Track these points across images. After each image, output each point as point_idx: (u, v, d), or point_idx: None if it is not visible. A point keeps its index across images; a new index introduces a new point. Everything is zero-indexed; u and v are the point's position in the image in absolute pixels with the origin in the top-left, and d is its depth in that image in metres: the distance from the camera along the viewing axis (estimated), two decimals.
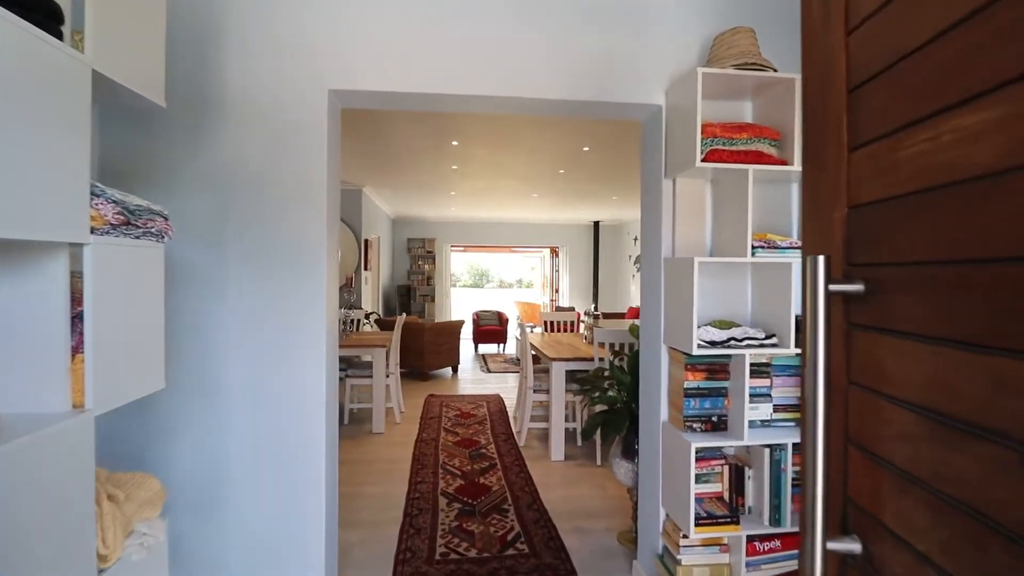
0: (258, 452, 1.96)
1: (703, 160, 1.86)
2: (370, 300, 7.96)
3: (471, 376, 7.08)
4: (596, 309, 10.74)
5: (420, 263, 11.01)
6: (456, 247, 11.90)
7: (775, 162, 1.94)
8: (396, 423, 4.79)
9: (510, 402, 5.57)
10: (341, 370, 4.91)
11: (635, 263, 10.51)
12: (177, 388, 1.89)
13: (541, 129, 4.55)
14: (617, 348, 3.82)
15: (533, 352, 4.39)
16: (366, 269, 7.33)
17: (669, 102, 2.09)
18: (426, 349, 6.58)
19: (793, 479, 1.98)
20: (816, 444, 0.64)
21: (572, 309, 10.07)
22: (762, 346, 1.93)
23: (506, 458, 3.90)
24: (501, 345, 9.46)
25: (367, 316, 6.79)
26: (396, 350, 4.96)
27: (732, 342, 1.92)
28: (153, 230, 1.35)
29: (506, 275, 47.88)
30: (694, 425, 1.99)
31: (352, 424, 4.75)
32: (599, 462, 3.80)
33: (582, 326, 6.46)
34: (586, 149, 4.99)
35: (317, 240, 1.98)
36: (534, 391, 4.16)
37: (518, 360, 8.37)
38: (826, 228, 0.77)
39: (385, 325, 6.62)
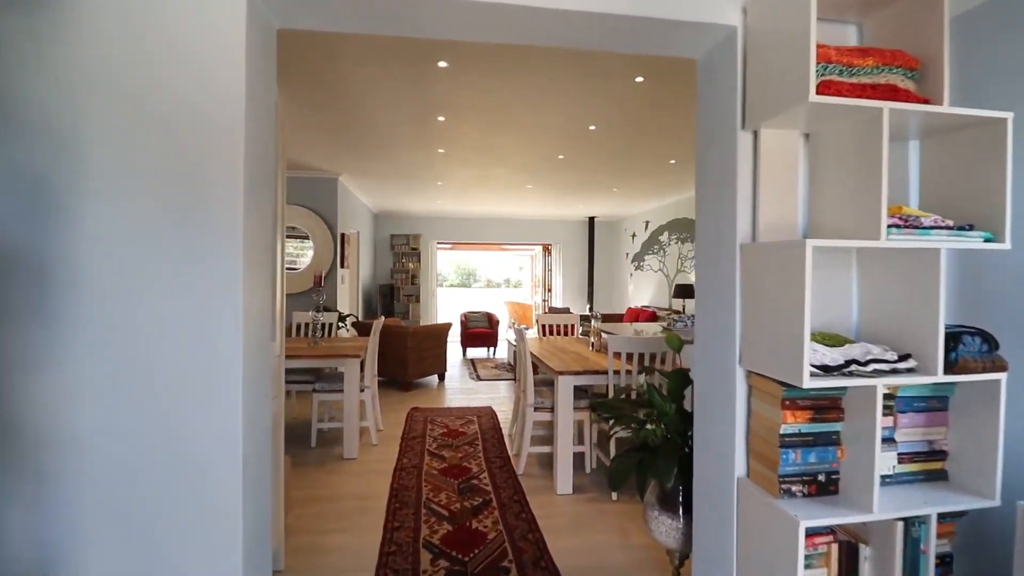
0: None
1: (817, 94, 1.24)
2: (348, 301, 7.24)
3: (459, 385, 6.42)
4: (592, 310, 10.15)
5: (404, 261, 10.31)
6: (443, 244, 11.22)
7: (915, 99, 1.32)
8: (373, 445, 4.11)
9: (504, 416, 4.92)
10: (308, 383, 4.22)
11: (632, 261, 9.93)
12: None
13: (541, 109, 3.91)
14: (647, 362, 3.20)
15: (532, 361, 3.74)
16: (343, 267, 6.62)
17: (750, 21, 1.46)
18: (409, 356, 5.90)
19: (939, 560, 1.36)
20: None
21: (567, 310, 9.45)
22: (895, 372, 1.31)
23: (503, 491, 3.25)
24: (491, 349, 8.80)
25: (342, 319, 6.08)
26: (373, 360, 4.29)
27: (854, 367, 1.30)
28: None
29: (494, 275, 47.27)
30: (793, 488, 1.36)
31: (321, 446, 4.07)
32: (614, 496, 3.18)
33: (579, 328, 5.85)
34: (592, 128, 4.36)
35: (227, 211, 1.30)
36: (535, 408, 3.52)
37: (510, 365, 7.73)
38: None
39: (364, 329, 5.93)
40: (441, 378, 6.58)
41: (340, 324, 6.13)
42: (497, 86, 3.50)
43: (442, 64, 3.15)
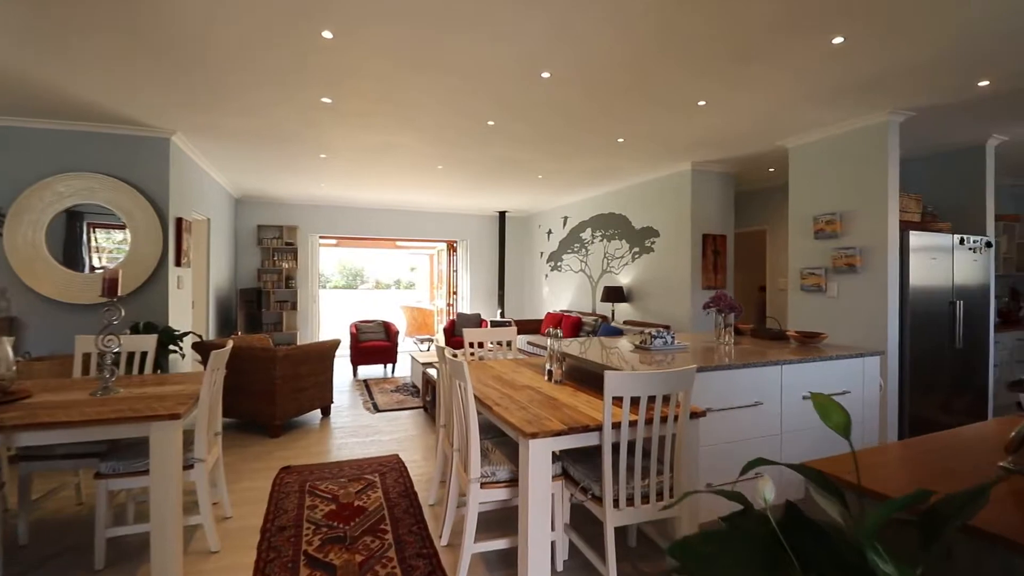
0: None
1: None
2: (189, 313, 5.31)
3: (351, 421, 4.88)
4: (503, 315, 9.04)
5: (276, 259, 8.34)
6: (327, 239, 9.37)
7: None
8: (212, 552, 2.54)
9: (417, 468, 3.56)
10: (95, 456, 2.52)
11: (548, 261, 9.00)
12: None
13: (483, 38, 2.65)
14: (659, 407, 2.08)
15: (481, 408, 2.45)
16: (179, 265, 4.73)
17: None
18: (279, 390, 4.26)
19: None
20: None
21: (478, 316, 8.23)
22: None
23: None
24: (390, 366, 7.28)
25: (175, 341, 4.24)
26: (214, 408, 2.69)
27: None
28: None
29: (384, 275, 44.37)
30: None
31: (117, 565, 2.40)
32: None
33: (514, 344, 4.66)
34: (546, 76, 3.19)
35: None
36: (482, 483, 2.25)
37: (415, 387, 6.27)
38: None
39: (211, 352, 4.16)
40: (325, 412, 4.98)
41: (176, 347, 4.29)
42: None
43: None
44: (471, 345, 3.80)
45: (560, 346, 2.92)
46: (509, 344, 3.89)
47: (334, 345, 4.88)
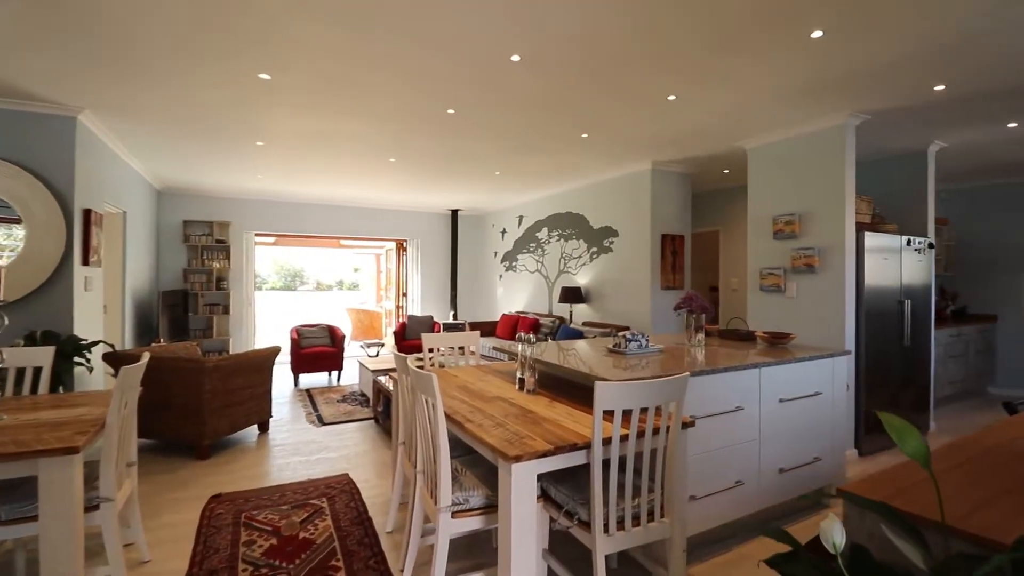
0: None
1: None
2: (101, 319, 4.65)
3: (293, 437, 4.42)
4: (456, 317, 8.74)
5: (206, 258, 7.61)
6: (264, 237, 8.69)
7: None
8: None
9: (370, 489, 3.21)
10: None
11: (503, 261, 8.78)
12: None
13: (450, 8, 2.38)
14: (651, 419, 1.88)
15: (451, 426, 2.16)
16: (87, 264, 4.10)
17: None
18: (207, 406, 3.77)
19: None
20: None
21: (430, 318, 7.87)
22: None
23: None
24: (335, 373, 6.79)
25: (82, 352, 3.66)
26: (127, 434, 2.25)
27: None
28: None
29: (325, 275, 42.56)
30: None
31: None
32: None
33: (477, 349, 4.38)
34: (515, 59, 2.95)
35: None
36: (454, 512, 1.98)
37: (363, 396, 5.80)
38: None
39: (129, 363, 3.60)
40: (263, 428, 4.49)
41: (80, 361, 3.70)
42: None
43: None
44: (431, 351, 3.49)
45: (533, 352, 2.68)
46: (472, 350, 3.62)
47: (273, 353, 4.41)
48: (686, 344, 3.43)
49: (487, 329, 7.89)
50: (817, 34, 2.66)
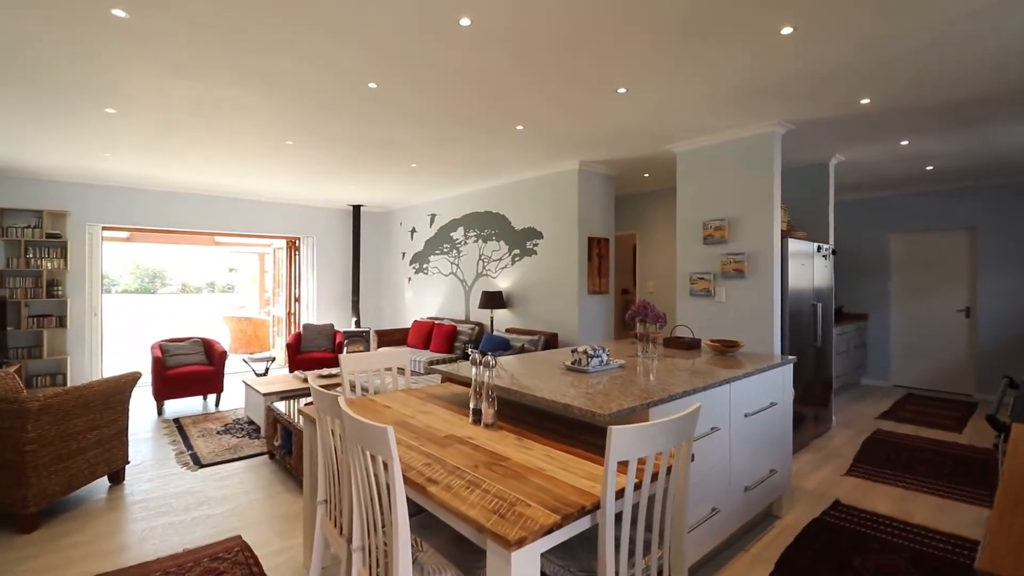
0: None
1: None
2: None
3: (159, 487, 3.48)
4: (359, 324, 7.92)
5: (32, 257, 6.01)
6: (114, 231, 7.13)
7: None
8: None
9: (271, 552, 2.51)
10: None
11: (412, 263, 8.12)
12: None
13: None
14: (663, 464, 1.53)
15: (411, 492, 1.61)
16: None
17: None
18: (31, 460, 2.76)
19: None
20: None
21: (331, 326, 6.98)
22: None
23: None
24: (212, 397, 5.68)
25: None
26: None
27: None
28: None
29: (192, 276, 37.61)
30: None
31: None
32: None
33: (408, 365, 3.78)
34: (466, 23, 2.45)
35: None
36: None
37: (251, 424, 4.77)
38: None
39: None
40: (116, 479, 3.48)
41: None
42: None
43: None
44: (351, 375, 2.84)
45: (493, 378, 2.21)
46: (400, 370, 3.04)
47: (130, 382, 3.43)
48: (639, 356, 3.18)
49: (397, 338, 7.20)
50: (787, 31, 2.53)
